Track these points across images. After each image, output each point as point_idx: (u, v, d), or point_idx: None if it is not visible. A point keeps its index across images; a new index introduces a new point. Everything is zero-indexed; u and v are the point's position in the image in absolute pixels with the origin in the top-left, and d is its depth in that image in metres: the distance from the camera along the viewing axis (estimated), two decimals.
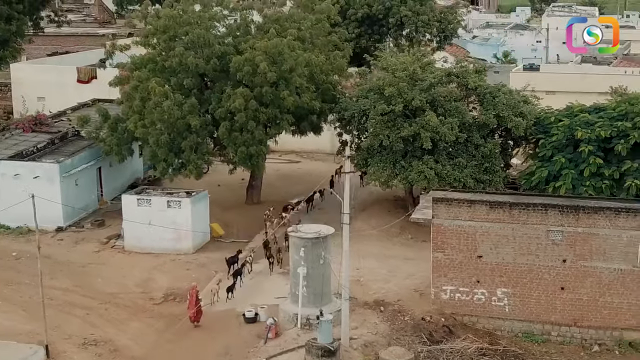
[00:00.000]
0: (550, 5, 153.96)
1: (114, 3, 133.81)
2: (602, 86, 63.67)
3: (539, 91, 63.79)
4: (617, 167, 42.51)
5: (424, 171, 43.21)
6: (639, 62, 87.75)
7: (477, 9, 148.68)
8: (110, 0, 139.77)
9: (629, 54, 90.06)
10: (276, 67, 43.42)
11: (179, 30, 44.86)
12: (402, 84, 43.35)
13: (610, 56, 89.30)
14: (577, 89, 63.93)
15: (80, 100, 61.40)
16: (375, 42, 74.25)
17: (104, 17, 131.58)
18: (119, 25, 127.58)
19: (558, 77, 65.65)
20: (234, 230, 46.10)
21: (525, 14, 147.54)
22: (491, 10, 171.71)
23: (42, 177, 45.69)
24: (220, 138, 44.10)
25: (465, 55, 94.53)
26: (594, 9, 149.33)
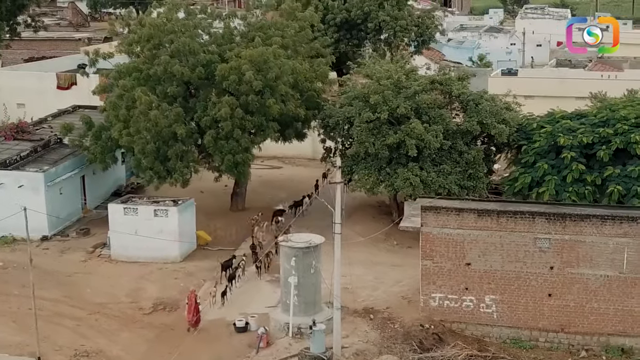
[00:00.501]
0: (523, 8, 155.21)
1: (88, 6, 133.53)
2: (580, 91, 64.58)
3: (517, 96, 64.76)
4: (599, 172, 43.08)
5: (410, 178, 43.57)
6: (612, 64, 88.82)
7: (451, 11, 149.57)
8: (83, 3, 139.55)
9: (603, 57, 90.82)
10: (262, 76, 43.58)
11: (164, 38, 44.87)
12: (387, 92, 43.72)
13: (585, 59, 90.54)
14: (555, 93, 64.91)
15: (60, 107, 61.18)
16: (354, 47, 74.62)
17: (78, 20, 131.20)
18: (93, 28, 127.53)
19: (536, 82, 66.27)
20: (220, 237, 46.22)
21: (498, 16, 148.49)
22: (464, 12, 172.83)
23: (27, 186, 45.62)
24: (207, 146, 44.20)
25: (440, 59, 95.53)
26: (567, 11, 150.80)
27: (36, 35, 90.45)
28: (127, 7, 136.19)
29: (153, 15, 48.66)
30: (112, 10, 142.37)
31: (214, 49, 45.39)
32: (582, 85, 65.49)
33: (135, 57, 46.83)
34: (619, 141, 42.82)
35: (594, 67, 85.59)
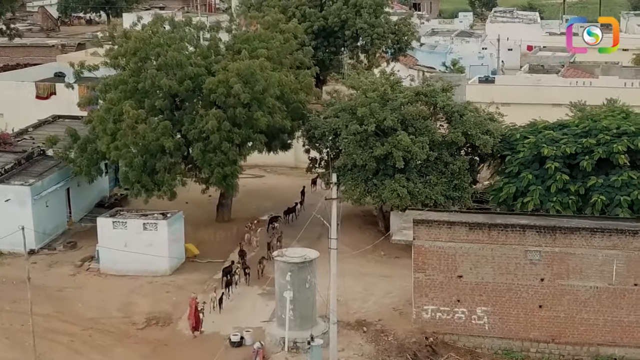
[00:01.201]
0: (492, 11, 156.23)
1: (58, 10, 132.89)
2: (556, 98, 65.54)
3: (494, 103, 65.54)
4: (583, 182, 43.80)
5: (397, 189, 44.07)
6: (585, 69, 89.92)
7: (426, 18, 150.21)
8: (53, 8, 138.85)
9: (575, 62, 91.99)
10: (249, 88, 43.84)
11: (150, 51, 44.98)
12: (374, 104, 44.16)
13: (557, 64, 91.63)
14: (532, 100, 65.63)
15: (39, 116, 61.04)
16: (332, 54, 75.08)
17: (48, 25, 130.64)
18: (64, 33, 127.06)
19: (513, 89, 66.95)
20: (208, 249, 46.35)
21: (468, 19, 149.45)
22: (432, 15, 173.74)
23: (14, 200, 45.53)
24: (195, 159, 44.39)
25: (414, 64, 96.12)
26: (535, 14, 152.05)
27: (9, 42, 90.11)
28: (97, 12, 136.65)
29: (137, 28, 48.52)
30: (82, 15, 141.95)
31: (201, 62, 45.47)
32: (558, 93, 66.46)
33: (121, 69, 46.81)
34: (601, 151, 43.53)
35: (567, 72, 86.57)
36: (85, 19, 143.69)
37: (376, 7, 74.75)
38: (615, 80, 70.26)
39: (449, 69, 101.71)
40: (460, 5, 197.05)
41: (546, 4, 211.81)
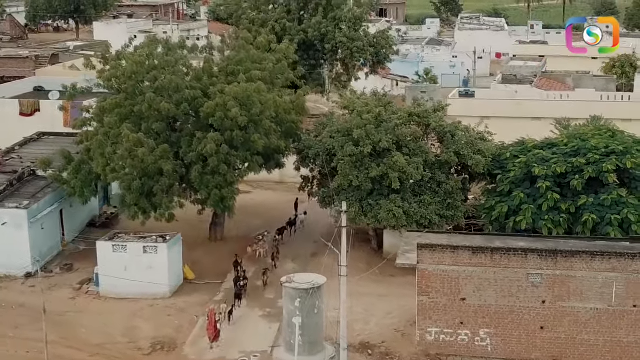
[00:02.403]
0: (459, 18, 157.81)
1: (27, 19, 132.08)
2: (536, 112, 66.83)
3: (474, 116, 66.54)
4: (573, 201, 44.82)
5: (393, 210, 44.80)
6: (557, 79, 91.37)
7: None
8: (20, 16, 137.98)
9: (547, 72, 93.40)
10: (246, 111, 44.29)
11: (146, 75, 45.22)
12: (370, 127, 44.83)
13: (530, 74, 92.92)
14: (512, 114, 66.83)
15: (23, 133, 60.85)
16: (311, 67, 75.67)
17: (16, 33, 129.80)
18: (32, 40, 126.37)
19: (493, 103, 68.05)
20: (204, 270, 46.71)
21: (435, 26, 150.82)
22: (399, 21, 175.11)
23: (10, 223, 45.56)
24: (193, 182, 44.72)
25: (387, 73, 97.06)
26: (501, 21, 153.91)
27: None
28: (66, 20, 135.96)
29: (130, 50, 48.71)
30: (49, 22, 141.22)
31: (197, 84, 45.82)
32: (538, 107, 67.75)
33: (115, 91, 46.96)
34: (591, 170, 44.57)
35: (540, 82, 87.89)
36: (53, 26, 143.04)
37: (355, 20, 75.56)
38: (592, 93, 71.44)
39: (422, 78, 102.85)
40: (425, 10, 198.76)
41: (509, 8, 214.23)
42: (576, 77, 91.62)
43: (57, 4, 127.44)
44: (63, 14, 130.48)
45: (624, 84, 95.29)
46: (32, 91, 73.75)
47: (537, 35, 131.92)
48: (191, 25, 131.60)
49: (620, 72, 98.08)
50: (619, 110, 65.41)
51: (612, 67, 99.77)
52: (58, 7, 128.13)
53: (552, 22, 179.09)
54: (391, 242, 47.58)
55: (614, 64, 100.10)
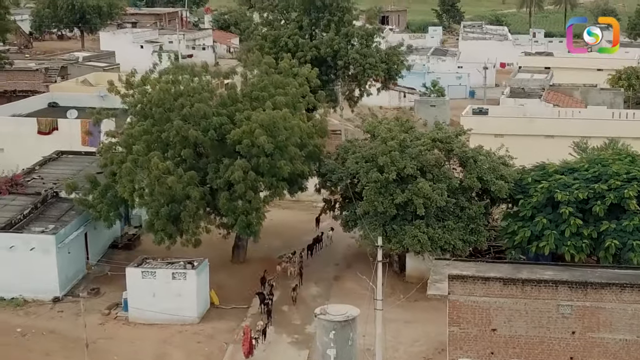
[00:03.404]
0: (462, 26, 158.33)
1: (32, 28, 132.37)
2: (549, 130, 67.46)
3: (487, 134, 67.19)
4: (595, 226, 45.46)
5: (418, 236, 45.31)
6: (564, 92, 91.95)
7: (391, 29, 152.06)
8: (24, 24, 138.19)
9: (554, 85, 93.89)
10: (272, 138, 44.76)
11: (174, 102, 45.65)
12: (394, 153, 45.34)
13: (538, 87, 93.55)
14: (525, 132, 67.46)
15: (40, 152, 61.28)
16: (324, 83, 75.99)
17: (22, 42, 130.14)
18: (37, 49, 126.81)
19: (506, 121, 68.61)
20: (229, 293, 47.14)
21: (438, 34, 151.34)
22: (400, 27, 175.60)
23: (38, 248, 45.94)
24: (221, 208, 45.17)
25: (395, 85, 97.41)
26: (504, 29, 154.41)
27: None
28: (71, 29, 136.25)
29: (154, 76, 49.10)
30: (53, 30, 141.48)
31: (223, 111, 46.27)
32: (551, 125, 68.35)
33: (141, 117, 47.35)
34: (612, 197, 45.19)
35: (548, 96, 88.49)
36: (56, 34, 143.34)
37: (367, 36, 76.11)
38: (604, 111, 72.02)
39: (429, 90, 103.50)
40: (426, 17, 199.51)
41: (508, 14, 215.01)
42: (584, 90, 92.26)
43: (63, 13, 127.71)
44: (68, 23, 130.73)
45: (631, 97, 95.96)
46: (47, 107, 74.25)
47: (541, 45, 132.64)
48: (196, 34, 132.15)
49: (627, 85, 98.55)
50: (631, 129, 66.00)
51: (618, 79, 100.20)
52: (63, 17, 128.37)
53: (552, 28, 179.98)
54: (413, 265, 48.21)
55: (620, 76, 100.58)
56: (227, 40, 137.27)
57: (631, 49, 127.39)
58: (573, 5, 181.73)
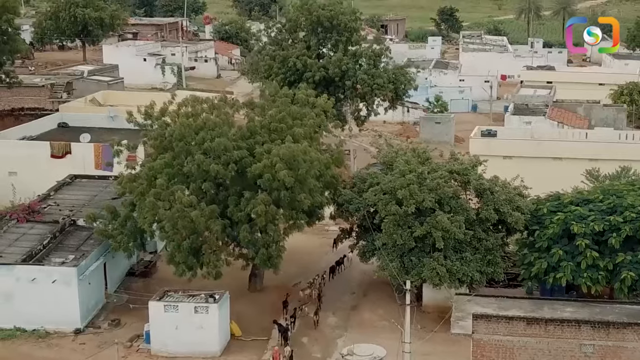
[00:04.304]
0: (461, 36, 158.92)
1: (33, 40, 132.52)
2: (557, 152, 68.12)
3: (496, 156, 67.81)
4: (610, 258, 46.06)
5: (436, 268, 45.84)
6: (568, 108, 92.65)
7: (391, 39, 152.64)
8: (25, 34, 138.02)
9: (557, 101, 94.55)
10: (292, 172, 45.23)
11: (195, 136, 46.09)
12: (413, 186, 45.86)
13: (541, 104, 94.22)
14: (533, 154, 68.15)
15: (54, 175, 61.67)
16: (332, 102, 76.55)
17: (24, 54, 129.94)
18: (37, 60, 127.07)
19: (514, 143, 69.25)
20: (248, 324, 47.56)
21: (438, 44, 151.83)
22: (399, 36, 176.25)
23: (60, 281, 46.35)
24: (241, 241, 45.65)
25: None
26: (503, 39, 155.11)
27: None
28: (73, 40, 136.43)
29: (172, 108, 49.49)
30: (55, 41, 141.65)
31: (243, 144, 46.71)
32: (558, 148, 69.00)
33: (161, 149, 47.73)
34: (628, 229, 45.79)
35: (552, 113, 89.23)
36: (57, 44, 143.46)
37: (375, 57, 76.63)
38: (611, 132, 72.68)
39: (433, 104, 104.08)
40: (424, 24, 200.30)
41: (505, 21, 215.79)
42: (587, 106, 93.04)
43: (65, 25, 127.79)
44: (70, 35, 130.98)
45: (634, 112, 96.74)
46: (57, 127, 74.61)
47: (541, 56, 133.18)
48: (198, 46, 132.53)
49: (629, 100, 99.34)
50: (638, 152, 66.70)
51: (620, 94, 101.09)
52: (65, 28, 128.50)
53: (550, 37, 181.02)
54: (430, 295, 48.74)
55: (622, 91, 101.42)
56: (228, 51, 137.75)
57: (631, 61, 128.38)
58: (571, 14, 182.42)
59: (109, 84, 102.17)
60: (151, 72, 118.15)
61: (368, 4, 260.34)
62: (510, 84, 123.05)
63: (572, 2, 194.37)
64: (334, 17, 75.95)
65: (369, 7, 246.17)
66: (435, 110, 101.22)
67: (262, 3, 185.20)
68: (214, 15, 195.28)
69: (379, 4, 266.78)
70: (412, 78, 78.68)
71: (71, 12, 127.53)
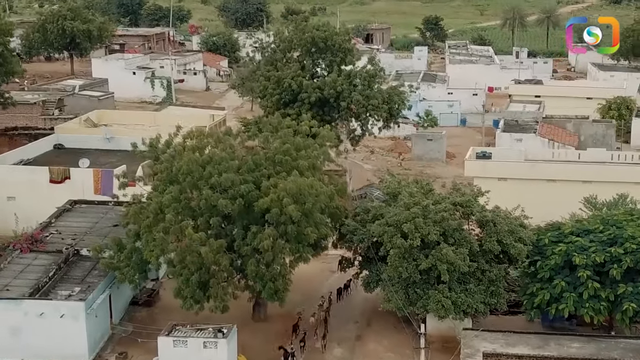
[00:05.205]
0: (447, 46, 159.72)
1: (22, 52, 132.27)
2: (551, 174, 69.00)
3: (491, 178, 68.62)
4: (612, 288, 46.86)
5: (441, 301, 46.45)
6: (557, 124, 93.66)
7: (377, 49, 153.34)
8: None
9: (547, 117, 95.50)
10: (299, 205, 45.69)
11: (202, 172, 46.46)
12: (419, 220, 46.44)
13: (531, 120, 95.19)
14: (527, 176, 69.03)
15: (53, 200, 61.78)
16: (326, 122, 76.98)
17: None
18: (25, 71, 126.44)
19: (508, 165, 70.06)
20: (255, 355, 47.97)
21: (424, 54, 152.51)
22: (384, 45, 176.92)
23: (67, 315, 46.59)
24: (249, 275, 46.08)
25: None
26: (488, 49, 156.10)
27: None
28: (60, 52, 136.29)
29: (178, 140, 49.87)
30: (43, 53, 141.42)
31: (249, 177, 47.11)
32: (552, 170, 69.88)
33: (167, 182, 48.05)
34: (629, 260, 46.61)
35: (543, 130, 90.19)
36: (44, 55, 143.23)
37: (370, 78, 77.15)
38: (604, 153, 73.55)
39: (423, 119, 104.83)
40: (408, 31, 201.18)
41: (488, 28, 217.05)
42: (576, 122, 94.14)
43: (53, 38, 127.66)
44: (58, 47, 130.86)
45: (622, 128, 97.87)
46: (53, 149, 74.74)
47: (527, 68, 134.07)
48: (187, 59, 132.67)
49: (617, 115, 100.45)
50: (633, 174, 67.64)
51: (608, 108, 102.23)
52: (53, 41, 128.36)
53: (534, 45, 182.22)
54: (434, 325, 49.25)
55: (610, 105, 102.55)
56: (216, 62, 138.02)
57: (616, 73, 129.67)
58: (555, 24, 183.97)
59: (100, 99, 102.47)
60: (141, 85, 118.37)
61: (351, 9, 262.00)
62: (497, 96, 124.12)
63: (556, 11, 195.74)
64: (328, 37, 76.51)
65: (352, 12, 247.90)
66: (426, 125, 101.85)
67: (249, 12, 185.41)
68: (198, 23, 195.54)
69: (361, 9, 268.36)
70: (405, 97, 79.26)
71: (59, 24, 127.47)
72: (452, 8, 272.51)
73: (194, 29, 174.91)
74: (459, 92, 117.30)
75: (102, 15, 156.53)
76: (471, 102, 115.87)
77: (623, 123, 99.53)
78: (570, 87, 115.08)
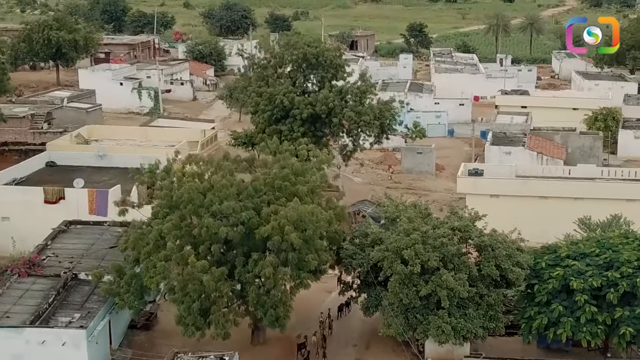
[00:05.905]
0: (432, 54, 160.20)
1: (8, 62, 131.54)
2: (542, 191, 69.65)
3: (483, 194, 69.18)
4: (608, 312, 47.42)
5: (442, 326, 46.87)
6: (545, 136, 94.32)
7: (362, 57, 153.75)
8: None
9: (535, 129, 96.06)
10: (300, 233, 45.98)
11: (203, 199, 46.66)
12: (418, 246, 46.85)
13: (519, 132, 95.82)
14: (519, 193, 69.67)
15: (47, 221, 61.70)
16: (318, 138, 77.50)
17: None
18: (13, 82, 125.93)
19: (501, 182, 70.64)
20: None
21: (409, 63, 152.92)
22: (369, 51, 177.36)
23: (69, 343, 46.64)
24: (250, 303, 46.33)
25: None
26: (473, 57, 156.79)
27: None
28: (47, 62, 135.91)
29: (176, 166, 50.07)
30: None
31: (249, 204, 47.35)
32: (544, 187, 70.52)
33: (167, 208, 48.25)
34: (625, 284, 47.18)
35: (531, 143, 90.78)
36: (29, 64, 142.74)
37: (361, 94, 77.62)
38: (594, 169, 74.27)
39: (411, 130, 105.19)
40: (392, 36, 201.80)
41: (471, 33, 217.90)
42: (564, 134, 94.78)
43: (39, 48, 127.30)
44: (44, 57, 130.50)
45: (609, 139, 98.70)
46: (45, 167, 74.65)
47: (512, 76, 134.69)
48: (174, 68, 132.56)
49: (604, 126, 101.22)
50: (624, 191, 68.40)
51: (594, 119, 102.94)
52: (39, 51, 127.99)
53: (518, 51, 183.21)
54: (433, 348, 49.66)
55: (596, 116, 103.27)
56: (202, 72, 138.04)
57: (600, 82, 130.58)
58: (539, 31, 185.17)
59: (88, 111, 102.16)
60: (128, 96, 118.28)
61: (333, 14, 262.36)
62: (483, 105, 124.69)
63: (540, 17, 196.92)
64: (320, 53, 76.98)
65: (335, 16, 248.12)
66: (414, 137, 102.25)
67: (234, 19, 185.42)
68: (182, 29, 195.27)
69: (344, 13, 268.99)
70: (396, 113, 79.80)
71: (45, 34, 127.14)
72: (434, 12, 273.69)
73: (179, 36, 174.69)
74: (446, 102, 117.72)
75: (86, 21, 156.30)
76: (458, 113, 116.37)
77: (610, 134, 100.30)
78: (557, 98, 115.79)
